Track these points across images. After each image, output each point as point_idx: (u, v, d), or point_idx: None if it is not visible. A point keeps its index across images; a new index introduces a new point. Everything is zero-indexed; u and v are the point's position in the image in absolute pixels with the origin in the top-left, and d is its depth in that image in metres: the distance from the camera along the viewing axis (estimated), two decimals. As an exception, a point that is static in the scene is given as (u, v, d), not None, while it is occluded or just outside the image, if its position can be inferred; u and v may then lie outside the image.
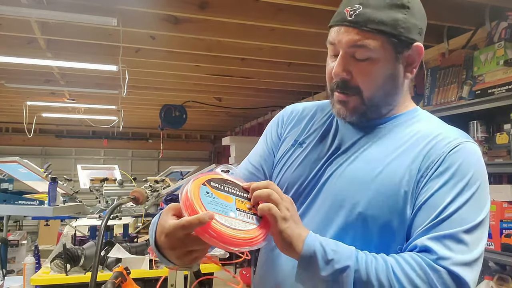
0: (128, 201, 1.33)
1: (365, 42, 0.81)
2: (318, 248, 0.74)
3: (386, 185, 0.81)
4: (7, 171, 2.96)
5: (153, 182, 3.50)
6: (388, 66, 0.85)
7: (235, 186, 0.80)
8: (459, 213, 0.76)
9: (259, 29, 3.06)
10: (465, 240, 0.74)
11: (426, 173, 0.80)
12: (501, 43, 2.21)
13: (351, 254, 0.74)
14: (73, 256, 2.27)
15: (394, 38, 0.83)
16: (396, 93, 0.89)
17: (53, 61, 3.63)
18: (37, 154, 8.82)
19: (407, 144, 0.85)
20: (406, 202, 0.80)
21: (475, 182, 0.79)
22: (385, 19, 0.82)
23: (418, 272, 0.71)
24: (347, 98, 0.86)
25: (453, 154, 0.81)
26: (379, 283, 0.71)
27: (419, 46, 0.88)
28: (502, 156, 2.20)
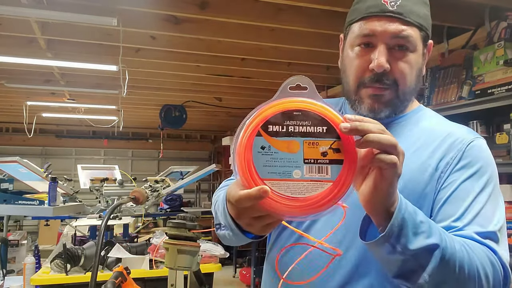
0: (128, 201, 1.33)
1: (410, 32, 0.81)
2: (408, 216, 0.66)
3: (405, 182, 0.79)
4: (7, 171, 2.96)
5: (153, 182, 3.51)
6: (420, 60, 0.86)
7: (305, 116, 0.60)
8: (487, 210, 0.78)
9: (259, 29, 3.07)
10: (500, 239, 0.77)
11: (446, 169, 0.82)
12: (501, 43, 2.21)
13: (438, 232, 0.69)
14: (73, 256, 2.27)
15: (425, 31, 0.85)
16: (417, 88, 0.89)
17: (53, 61, 3.63)
18: (37, 154, 8.82)
19: (421, 141, 0.86)
20: (425, 199, 0.80)
21: (493, 178, 0.83)
22: (421, 12, 0.83)
23: (488, 262, 0.72)
24: (383, 92, 0.83)
25: (469, 150, 0.83)
26: (459, 266, 0.69)
27: (432, 43, 0.90)
28: (502, 156, 2.20)
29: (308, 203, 0.58)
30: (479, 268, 0.70)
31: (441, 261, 0.67)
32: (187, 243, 1.12)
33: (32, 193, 2.89)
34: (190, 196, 8.54)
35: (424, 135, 0.87)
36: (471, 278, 0.69)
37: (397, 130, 0.88)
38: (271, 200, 0.58)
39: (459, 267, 0.68)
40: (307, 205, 0.58)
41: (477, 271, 0.70)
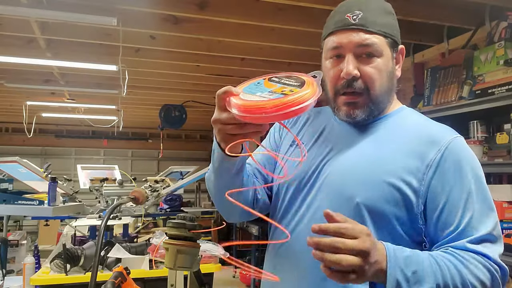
0: (128, 201, 1.33)
1: (373, 40, 0.90)
2: (400, 276, 0.77)
3: (382, 178, 0.87)
4: (7, 171, 2.96)
5: (153, 182, 3.50)
6: (389, 64, 0.94)
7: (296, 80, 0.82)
8: (478, 211, 0.85)
9: (259, 29, 3.06)
10: (496, 237, 0.86)
11: (427, 170, 0.87)
12: (501, 43, 2.21)
13: (429, 271, 0.79)
14: (73, 256, 2.27)
15: (390, 38, 0.94)
16: (392, 90, 0.98)
17: (53, 61, 3.63)
18: (37, 154, 8.81)
19: (400, 140, 0.92)
20: (406, 195, 0.86)
21: (476, 175, 0.88)
22: (383, 22, 0.92)
23: (485, 272, 0.82)
24: (355, 99, 0.92)
25: (449, 149, 0.88)
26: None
27: (403, 48, 1.00)
28: (502, 156, 2.20)
29: (260, 104, 0.76)
30: (474, 282, 0.81)
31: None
32: (187, 243, 1.12)
33: (31, 193, 2.88)
34: (190, 196, 8.54)
35: (404, 134, 0.93)
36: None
37: (379, 130, 0.96)
38: (234, 100, 0.79)
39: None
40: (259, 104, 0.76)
41: (472, 285, 0.81)
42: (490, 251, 0.83)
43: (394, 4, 1.03)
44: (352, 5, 0.94)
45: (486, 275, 0.82)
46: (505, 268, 0.85)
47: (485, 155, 2.31)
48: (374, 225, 0.87)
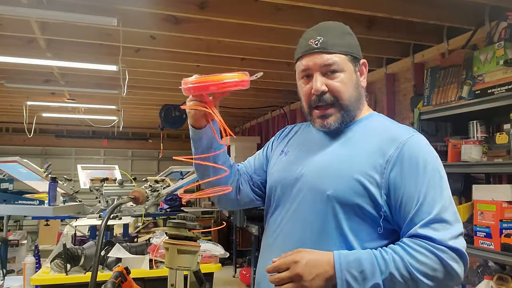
0: (128, 201, 1.33)
1: (334, 59, 1.08)
2: (349, 276, 0.93)
3: (350, 174, 1.03)
4: (7, 171, 2.96)
5: (153, 182, 3.51)
6: (352, 76, 1.11)
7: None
8: (429, 197, 0.98)
9: (259, 29, 3.06)
10: (444, 218, 0.97)
11: (387, 166, 1.02)
12: (501, 43, 2.21)
13: (374, 268, 0.93)
14: (73, 256, 2.27)
15: (349, 55, 1.10)
16: (360, 99, 1.14)
17: (53, 61, 3.63)
18: (37, 154, 8.81)
19: (367, 141, 1.07)
20: (370, 186, 1.01)
21: (427, 166, 1.01)
22: (342, 43, 1.10)
23: (428, 255, 0.93)
24: (327, 111, 1.10)
25: (405, 146, 1.02)
26: (402, 277, 0.92)
27: (365, 61, 1.15)
28: (501, 156, 2.20)
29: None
30: (418, 266, 0.92)
31: (386, 286, 0.92)
32: (187, 243, 1.12)
33: (32, 193, 2.89)
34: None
35: (371, 135, 1.08)
36: (418, 280, 0.92)
37: (350, 134, 1.12)
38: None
39: (403, 280, 0.92)
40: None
41: (419, 272, 0.92)
42: (438, 233, 0.95)
43: (394, 4, 1.05)
44: (313, 32, 1.12)
45: (431, 258, 0.93)
46: (458, 248, 0.94)
47: (485, 155, 2.31)
48: (345, 215, 1.02)
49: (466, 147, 2.37)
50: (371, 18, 2.92)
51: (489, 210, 2.15)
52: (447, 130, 2.83)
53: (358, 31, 2.93)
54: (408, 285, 0.93)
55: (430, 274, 0.93)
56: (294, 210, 1.11)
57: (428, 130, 2.85)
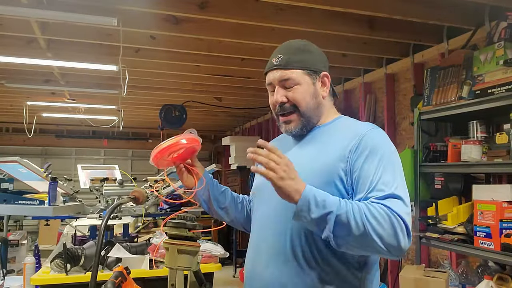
0: (128, 201, 1.33)
1: (290, 75, 1.24)
2: (311, 198, 1.05)
3: (319, 167, 1.18)
4: (7, 171, 2.96)
5: (153, 182, 3.50)
6: (309, 87, 1.26)
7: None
8: (383, 178, 1.11)
9: (259, 29, 3.06)
10: (398, 195, 1.09)
11: (350, 155, 1.16)
12: (501, 43, 2.21)
13: (335, 203, 1.06)
14: (73, 256, 2.27)
15: (305, 69, 1.25)
16: (320, 107, 1.29)
17: (53, 61, 3.63)
18: (37, 154, 8.81)
19: (333, 139, 1.23)
20: (337, 176, 1.15)
21: (384, 154, 1.15)
22: (297, 59, 1.25)
23: (383, 214, 1.04)
24: (288, 118, 1.27)
25: (364, 137, 1.17)
26: (354, 221, 1.03)
27: (325, 74, 1.30)
28: (501, 156, 2.20)
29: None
30: (371, 219, 1.03)
31: (337, 223, 1.04)
32: (187, 243, 1.12)
33: (32, 193, 2.89)
34: (190, 196, 8.52)
35: (335, 134, 1.24)
36: (367, 228, 1.03)
37: (317, 136, 1.28)
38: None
39: (355, 223, 1.03)
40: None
41: (369, 222, 1.03)
42: (393, 205, 1.06)
43: (394, 4, 1.05)
44: (277, 51, 1.29)
45: (384, 217, 1.04)
46: (406, 222, 1.05)
47: (485, 155, 2.31)
48: None
49: (466, 147, 2.37)
50: (371, 18, 2.92)
51: (489, 210, 2.16)
52: (447, 130, 2.83)
53: (358, 31, 2.98)
54: (356, 231, 1.03)
55: (378, 229, 1.03)
56: (268, 206, 1.24)
57: (428, 130, 2.85)
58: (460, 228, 2.38)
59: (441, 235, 2.45)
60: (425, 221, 2.62)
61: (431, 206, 2.63)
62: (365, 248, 1.07)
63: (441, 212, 2.55)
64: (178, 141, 1.26)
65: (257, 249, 1.25)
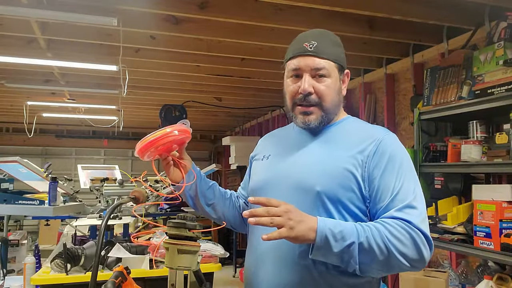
0: (128, 201, 1.33)
1: (324, 64, 1.17)
2: (328, 232, 1.00)
3: (334, 169, 1.12)
4: (8, 171, 2.96)
5: (153, 182, 3.51)
6: (337, 83, 1.21)
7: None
8: (403, 188, 1.09)
9: (259, 29, 3.06)
10: (415, 206, 1.08)
11: (368, 160, 1.12)
12: (501, 43, 2.21)
13: (353, 231, 1.01)
14: (73, 255, 2.27)
15: (337, 63, 1.20)
16: (340, 104, 1.25)
17: (53, 61, 3.63)
18: (38, 154, 8.81)
19: (347, 140, 1.18)
20: (354, 181, 1.11)
21: (402, 162, 1.13)
22: (333, 51, 1.20)
23: (403, 232, 1.02)
24: (309, 109, 1.19)
25: (382, 143, 1.14)
26: (377, 246, 1.00)
27: (348, 72, 1.26)
28: (501, 156, 2.20)
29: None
30: (393, 240, 1.01)
31: (360, 251, 1.00)
32: (187, 243, 1.12)
33: (32, 193, 2.89)
34: (190, 196, 8.52)
35: (350, 135, 1.19)
36: (390, 250, 1.00)
37: (329, 134, 1.22)
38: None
39: (378, 248, 1.00)
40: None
41: (392, 244, 1.00)
42: (411, 217, 1.05)
43: (394, 4, 1.06)
44: (309, 36, 1.20)
45: (405, 235, 1.02)
46: (425, 233, 1.04)
47: (485, 155, 2.31)
48: (335, 209, 1.11)
49: (466, 147, 2.37)
50: (371, 18, 2.92)
51: (489, 210, 2.16)
52: (447, 130, 2.83)
53: (358, 31, 2.98)
54: (380, 256, 1.00)
55: (401, 249, 1.01)
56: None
57: (428, 130, 2.85)
58: (460, 228, 2.38)
59: (441, 235, 2.45)
60: (425, 221, 2.62)
61: (431, 206, 2.62)
62: (390, 269, 1.05)
63: (441, 212, 2.55)
64: (169, 132, 1.16)
65: (259, 252, 1.19)
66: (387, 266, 1.03)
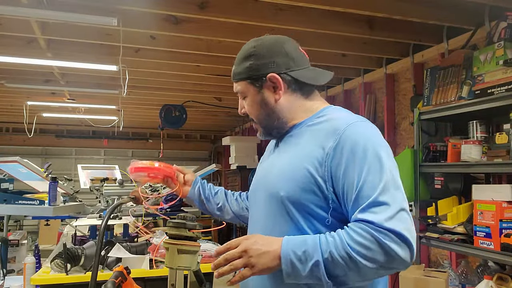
0: (128, 201, 1.33)
1: (238, 88, 1.23)
2: (293, 256, 0.97)
3: (296, 172, 1.08)
4: (8, 171, 2.96)
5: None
6: (255, 98, 1.20)
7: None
8: (367, 182, 0.98)
9: (259, 29, 3.05)
10: (382, 201, 0.96)
11: (327, 159, 1.04)
12: (501, 43, 2.21)
13: (316, 248, 0.97)
14: (73, 255, 2.27)
15: (248, 79, 1.20)
16: (275, 112, 1.19)
17: (53, 61, 3.63)
18: (38, 154, 8.81)
19: (310, 139, 1.11)
20: (314, 181, 1.05)
21: (365, 152, 1.01)
22: (240, 69, 1.22)
23: (366, 236, 0.94)
24: (255, 126, 1.27)
25: (342, 136, 1.04)
26: (341, 258, 0.94)
27: (272, 75, 1.16)
28: (501, 156, 2.20)
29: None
30: (356, 247, 0.94)
31: (327, 266, 0.95)
32: (187, 243, 1.12)
33: (32, 193, 2.88)
34: (190, 196, 8.52)
35: (314, 133, 1.12)
36: (356, 260, 0.93)
37: (289, 138, 1.19)
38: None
39: (342, 260, 0.94)
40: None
41: (356, 252, 0.94)
42: (376, 216, 0.95)
43: (394, 4, 1.05)
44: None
45: (368, 239, 0.93)
46: (395, 230, 0.93)
47: (485, 155, 2.31)
48: (298, 213, 1.07)
49: (466, 147, 2.37)
50: (371, 18, 2.92)
51: (489, 210, 2.16)
52: (447, 130, 2.83)
53: (358, 31, 2.97)
54: (348, 266, 0.94)
55: (367, 254, 0.93)
56: (258, 213, 1.21)
57: (428, 130, 2.85)
58: (460, 228, 2.38)
59: (441, 235, 2.45)
60: (425, 221, 2.62)
61: (431, 206, 2.63)
62: (368, 277, 0.98)
63: (441, 212, 2.55)
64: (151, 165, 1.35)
65: None
66: (363, 275, 0.96)
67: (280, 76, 1.16)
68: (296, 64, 1.18)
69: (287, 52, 1.19)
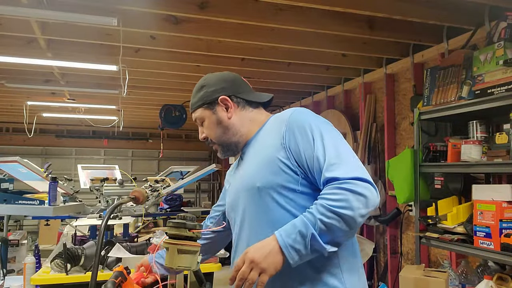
0: (128, 201, 1.33)
1: (196, 115, 1.41)
2: (291, 242, 1.09)
3: (263, 161, 1.25)
4: (8, 171, 2.96)
5: (153, 182, 3.51)
6: (211, 118, 1.38)
7: None
8: (322, 150, 1.17)
9: (259, 29, 3.06)
10: (338, 162, 1.14)
11: (284, 141, 1.23)
12: (501, 43, 2.21)
13: (306, 224, 1.09)
14: (73, 255, 2.27)
15: (202, 105, 1.39)
16: (230, 128, 1.38)
17: (53, 61, 3.63)
18: (38, 154, 8.81)
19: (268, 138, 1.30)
20: (280, 162, 1.21)
21: (312, 127, 1.21)
22: (195, 100, 1.41)
23: (337, 192, 1.09)
24: (214, 147, 1.43)
25: (289, 120, 1.25)
26: (330, 218, 1.08)
27: (223, 97, 1.37)
28: (501, 156, 2.21)
29: None
30: (332, 203, 1.08)
31: (321, 234, 1.08)
32: (187, 243, 1.12)
33: (32, 193, 2.89)
34: (190, 196, 8.54)
35: (268, 132, 1.32)
36: (340, 214, 1.07)
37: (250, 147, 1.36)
38: None
39: (331, 219, 1.08)
40: None
41: (338, 207, 1.07)
42: (338, 171, 1.12)
43: (394, 4, 1.05)
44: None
45: (341, 192, 1.09)
46: (357, 177, 1.10)
47: (485, 155, 2.31)
48: (280, 195, 1.20)
49: (466, 147, 2.37)
50: (371, 18, 2.92)
51: (489, 210, 2.16)
52: (447, 130, 2.83)
53: (358, 31, 2.98)
54: (338, 223, 1.08)
55: (346, 205, 1.07)
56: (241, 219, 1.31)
57: (428, 130, 2.85)
58: (460, 228, 2.38)
59: (441, 235, 2.45)
60: (425, 221, 2.63)
61: (431, 206, 2.63)
62: (353, 226, 1.10)
63: (441, 212, 2.55)
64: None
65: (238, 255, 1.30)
66: (349, 226, 1.09)
67: (230, 97, 1.37)
68: (241, 88, 1.41)
69: (233, 80, 1.42)
